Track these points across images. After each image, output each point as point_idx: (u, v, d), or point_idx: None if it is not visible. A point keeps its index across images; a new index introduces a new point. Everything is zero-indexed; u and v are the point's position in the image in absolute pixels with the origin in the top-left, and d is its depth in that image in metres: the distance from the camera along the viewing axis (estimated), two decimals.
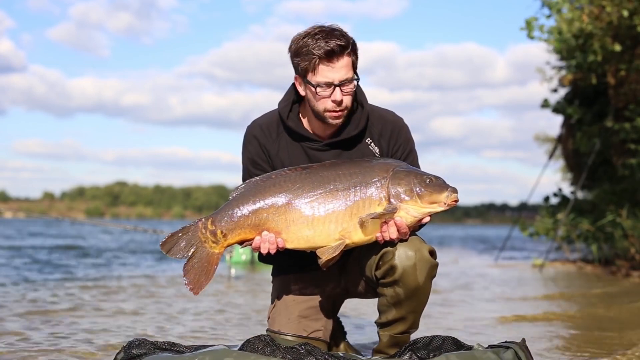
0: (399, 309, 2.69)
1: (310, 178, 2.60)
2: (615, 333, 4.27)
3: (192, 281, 2.60)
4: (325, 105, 2.68)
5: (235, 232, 2.60)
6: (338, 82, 2.64)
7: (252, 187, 2.63)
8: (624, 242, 10.08)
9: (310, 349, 2.44)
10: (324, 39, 2.61)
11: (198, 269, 2.60)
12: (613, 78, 10.05)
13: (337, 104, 2.66)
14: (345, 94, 2.67)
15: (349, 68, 2.66)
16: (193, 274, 2.60)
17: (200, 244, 2.61)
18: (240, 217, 2.59)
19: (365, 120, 2.80)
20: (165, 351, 2.46)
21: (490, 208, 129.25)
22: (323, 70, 2.63)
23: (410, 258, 2.62)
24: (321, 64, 2.63)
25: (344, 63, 2.64)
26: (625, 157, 10.43)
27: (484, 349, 2.42)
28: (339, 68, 2.63)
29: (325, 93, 2.66)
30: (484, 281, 8.64)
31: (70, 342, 3.62)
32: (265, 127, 2.84)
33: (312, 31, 2.66)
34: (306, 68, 2.65)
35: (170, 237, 2.63)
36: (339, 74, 2.64)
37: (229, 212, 2.60)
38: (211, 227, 2.60)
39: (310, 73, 2.65)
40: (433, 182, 2.59)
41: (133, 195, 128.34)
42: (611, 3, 8.94)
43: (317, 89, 2.65)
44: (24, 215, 74.25)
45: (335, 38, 2.62)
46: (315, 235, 2.57)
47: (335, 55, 2.62)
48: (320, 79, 2.64)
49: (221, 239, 2.61)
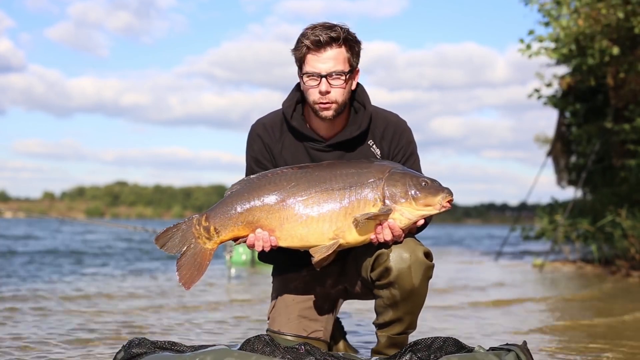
0: (396, 310, 2.70)
1: (305, 177, 2.61)
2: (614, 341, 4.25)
3: (185, 276, 2.62)
4: (313, 97, 2.69)
5: (229, 228, 2.62)
6: (325, 72, 2.64)
7: (247, 185, 2.65)
8: (623, 242, 10.08)
9: (310, 348, 2.45)
10: (318, 31, 2.64)
11: (191, 264, 2.63)
12: (612, 80, 10.06)
13: (322, 95, 2.67)
14: (334, 87, 2.67)
15: (339, 61, 2.65)
16: (186, 269, 2.63)
17: (194, 239, 2.64)
18: (234, 214, 2.61)
19: (368, 121, 2.80)
20: (166, 350, 2.46)
21: (490, 208, 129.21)
22: (311, 60, 2.65)
23: (405, 260, 2.63)
24: (309, 54, 2.65)
25: (332, 55, 2.64)
26: (625, 158, 10.44)
27: (486, 352, 2.41)
28: (326, 59, 2.64)
29: (312, 83, 2.67)
30: (484, 281, 8.64)
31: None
32: (269, 126, 2.85)
33: (313, 25, 2.68)
34: (299, 59, 2.69)
35: (165, 232, 2.66)
36: (326, 65, 2.64)
37: (223, 208, 2.63)
38: (205, 223, 2.63)
39: (302, 64, 2.68)
40: (428, 185, 2.59)
41: (133, 195, 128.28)
42: (606, 5, 8.95)
43: (305, 78, 2.68)
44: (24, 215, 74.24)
45: (328, 30, 2.64)
46: (309, 234, 2.58)
47: (322, 46, 2.63)
48: (309, 68, 2.66)
49: (214, 235, 2.63)
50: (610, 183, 11.59)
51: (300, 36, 2.69)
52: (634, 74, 9.57)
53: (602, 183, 11.92)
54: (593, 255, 11.18)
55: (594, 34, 9.18)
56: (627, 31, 9.15)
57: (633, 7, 8.82)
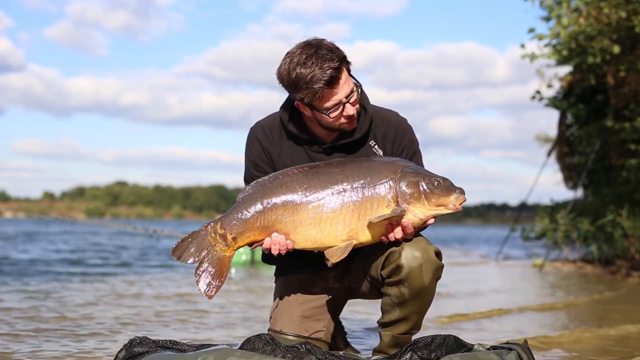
0: (403, 309, 2.70)
1: (317, 179, 2.59)
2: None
3: (205, 285, 2.59)
4: (339, 122, 2.68)
5: (245, 234, 2.60)
6: (345, 99, 2.64)
7: (259, 189, 2.62)
8: (624, 242, 10.08)
9: (311, 347, 2.44)
10: (318, 65, 2.57)
11: (210, 273, 2.60)
12: (613, 79, 10.06)
13: (348, 117, 2.67)
14: (354, 104, 2.68)
15: (348, 79, 2.65)
16: (205, 278, 2.60)
17: (211, 248, 2.61)
18: (249, 219, 2.58)
19: (369, 123, 2.79)
20: (167, 349, 2.46)
21: (490, 208, 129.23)
22: (329, 95, 2.62)
23: (417, 258, 2.63)
24: (325, 91, 2.61)
25: (344, 80, 2.63)
26: (625, 157, 10.43)
27: (487, 351, 2.41)
28: (342, 87, 2.62)
29: (336, 113, 2.65)
30: (484, 281, 8.64)
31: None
32: (267, 129, 2.84)
33: (300, 57, 2.59)
34: (310, 99, 2.63)
35: (181, 242, 2.62)
36: (344, 92, 2.63)
37: (238, 214, 2.60)
38: (221, 231, 2.60)
39: (316, 101, 2.64)
40: (441, 185, 2.58)
41: (133, 195, 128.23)
42: (608, 4, 8.95)
43: (328, 112, 2.65)
44: (24, 215, 74.19)
45: (327, 60, 2.57)
46: (323, 236, 2.57)
47: (335, 81, 2.59)
48: (329, 104, 2.63)
49: (231, 242, 2.60)
50: (611, 183, 11.59)
51: (298, 78, 2.58)
52: (634, 73, 9.57)
53: (603, 183, 11.91)
54: (593, 255, 11.18)
55: (595, 33, 9.18)
56: (628, 30, 9.15)
57: (634, 6, 8.82)
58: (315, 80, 2.57)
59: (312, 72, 2.57)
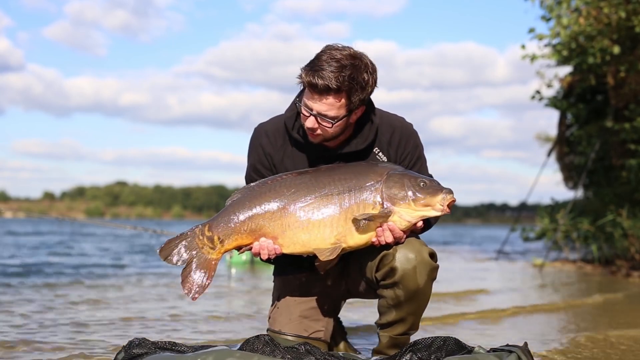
0: (399, 310, 2.70)
1: (305, 183, 2.60)
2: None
3: (190, 287, 2.61)
4: (304, 123, 2.66)
5: (232, 237, 2.61)
6: (315, 112, 2.59)
7: (248, 193, 2.65)
8: (624, 242, 10.08)
9: (310, 348, 2.44)
10: (318, 70, 2.53)
11: (196, 275, 2.62)
12: (613, 79, 10.06)
13: (308, 128, 2.64)
14: (322, 127, 2.61)
15: (332, 107, 2.56)
16: (191, 279, 2.61)
17: (198, 250, 2.63)
18: (237, 223, 2.60)
19: (374, 134, 2.76)
20: (167, 351, 2.45)
21: (490, 208, 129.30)
22: (309, 93, 2.60)
23: (411, 260, 2.62)
24: (308, 88, 2.60)
25: (326, 101, 2.55)
26: (625, 157, 10.44)
27: (487, 353, 2.40)
28: (319, 103, 2.57)
29: (304, 113, 2.63)
30: (483, 280, 8.64)
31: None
32: (271, 134, 2.83)
33: (322, 53, 2.58)
34: (302, 83, 2.63)
35: (168, 243, 2.64)
36: (318, 107, 2.58)
37: (226, 218, 2.62)
38: (208, 233, 2.62)
39: (304, 89, 2.64)
40: (427, 185, 2.57)
41: (133, 195, 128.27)
42: (608, 4, 8.95)
43: (299, 105, 2.65)
44: (24, 215, 74.22)
45: (327, 74, 2.52)
46: (311, 240, 2.57)
47: (317, 91, 2.55)
48: (305, 100, 2.62)
49: (218, 244, 2.62)
50: (611, 183, 11.59)
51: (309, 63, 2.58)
52: (634, 74, 9.57)
53: (603, 183, 11.92)
54: (593, 255, 11.18)
55: (595, 33, 9.18)
56: (628, 30, 9.15)
57: (634, 6, 8.82)
58: (308, 73, 2.55)
59: (313, 67, 2.55)
